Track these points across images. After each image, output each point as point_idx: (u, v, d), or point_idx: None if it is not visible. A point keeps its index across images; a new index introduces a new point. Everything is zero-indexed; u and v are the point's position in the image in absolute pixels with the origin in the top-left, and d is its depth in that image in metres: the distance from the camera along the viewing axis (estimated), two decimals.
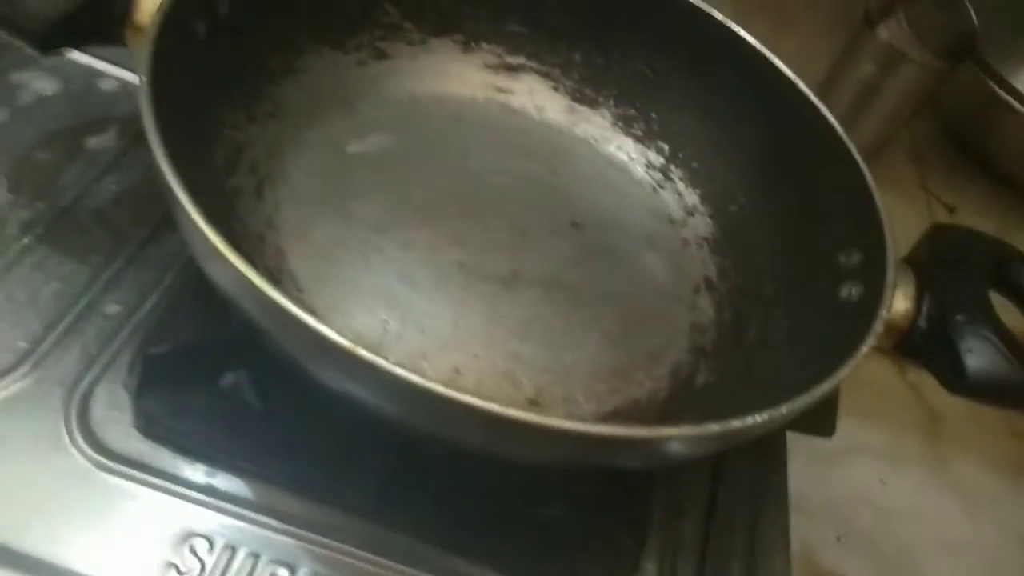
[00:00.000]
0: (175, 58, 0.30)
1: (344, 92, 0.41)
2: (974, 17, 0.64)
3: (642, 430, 0.25)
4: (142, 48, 0.29)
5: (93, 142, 0.41)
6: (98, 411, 0.32)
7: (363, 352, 0.23)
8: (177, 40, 0.31)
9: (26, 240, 0.36)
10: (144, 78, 0.27)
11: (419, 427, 0.26)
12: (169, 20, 0.30)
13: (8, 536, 0.28)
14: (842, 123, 0.75)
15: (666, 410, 0.35)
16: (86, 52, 0.43)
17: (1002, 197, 0.78)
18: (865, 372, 0.35)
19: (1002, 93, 0.70)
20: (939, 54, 0.65)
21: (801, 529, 0.56)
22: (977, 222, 0.79)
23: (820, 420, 0.41)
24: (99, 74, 0.43)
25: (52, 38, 0.31)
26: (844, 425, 0.60)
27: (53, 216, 0.37)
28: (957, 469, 0.61)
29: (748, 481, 0.38)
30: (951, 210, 0.78)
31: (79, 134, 0.41)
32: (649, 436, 0.24)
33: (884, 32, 0.66)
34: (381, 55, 0.43)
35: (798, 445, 0.47)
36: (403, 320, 0.34)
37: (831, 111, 0.72)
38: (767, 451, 0.39)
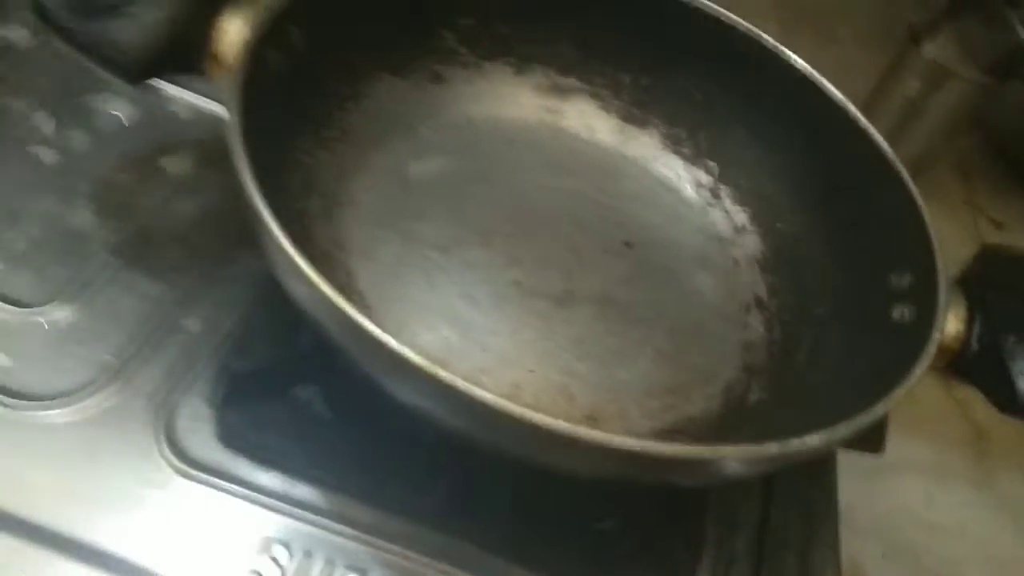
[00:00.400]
0: (256, 90, 0.32)
1: (404, 116, 0.43)
2: (1021, 33, 0.64)
3: (700, 449, 0.26)
4: (229, 83, 0.31)
5: (169, 164, 0.43)
6: (182, 422, 0.33)
7: (441, 372, 0.24)
8: (258, 73, 0.33)
9: (109, 259, 0.38)
10: (234, 113, 0.29)
11: (484, 441, 0.27)
12: (252, 55, 0.32)
13: (101, 540, 0.30)
14: (887, 140, 0.75)
15: (720, 428, 0.36)
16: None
17: None
18: (912, 389, 0.36)
19: None
20: (986, 70, 0.65)
21: (847, 545, 0.57)
22: None
23: (870, 437, 0.41)
24: (173, 100, 0.46)
25: (140, 70, 0.33)
26: (891, 441, 0.60)
27: (133, 236, 0.39)
28: (1004, 486, 0.61)
29: (800, 499, 0.39)
30: (998, 226, 0.77)
31: (155, 157, 0.43)
32: (707, 456, 0.25)
33: (930, 49, 0.66)
34: (437, 79, 0.44)
35: (844, 460, 0.48)
36: (464, 337, 0.36)
37: (876, 128, 0.72)
38: (818, 469, 0.40)
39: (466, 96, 0.45)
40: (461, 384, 0.24)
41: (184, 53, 0.34)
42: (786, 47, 0.42)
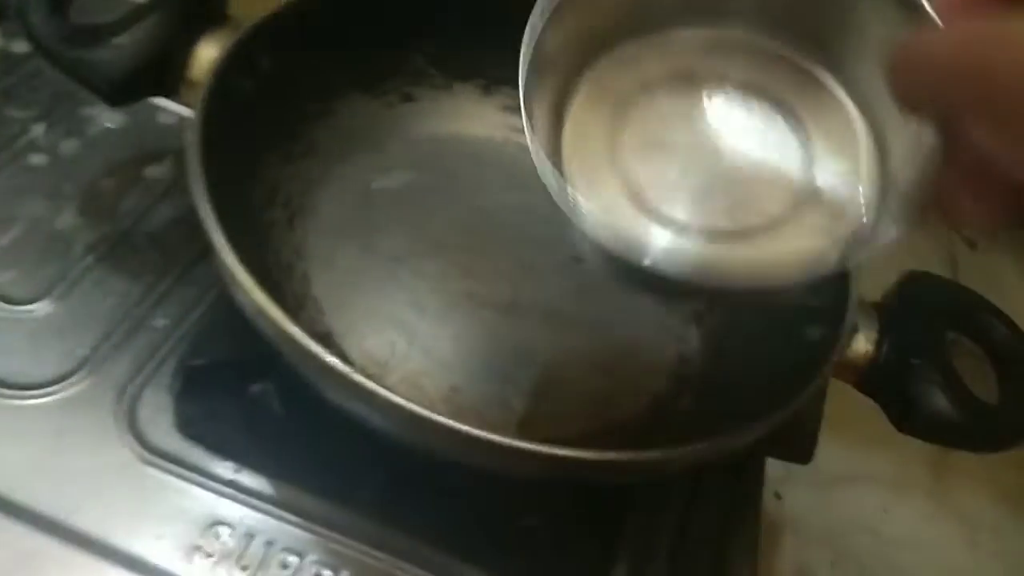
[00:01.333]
0: (223, 112, 0.35)
1: (372, 132, 0.46)
2: None
3: (584, 453, 0.29)
4: (195, 105, 0.34)
5: (152, 171, 0.46)
6: (144, 412, 0.37)
7: (355, 376, 0.27)
8: (225, 96, 0.36)
9: (89, 259, 0.41)
10: (194, 137, 0.32)
11: (408, 441, 0.30)
12: (218, 80, 0.35)
13: (63, 516, 0.33)
14: None
15: (644, 434, 0.39)
16: None
17: None
18: (873, 401, 0.38)
19: None
20: None
21: (798, 552, 0.59)
22: (997, 257, 0.81)
23: (798, 447, 0.44)
24: (159, 109, 0.49)
25: (121, 96, 0.36)
26: (850, 452, 0.62)
27: (114, 238, 0.42)
28: (962, 500, 0.63)
29: (722, 500, 0.41)
30: (972, 246, 0.79)
31: (140, 164, 0.46)
32: (593, 458, 0.28)
33: None
34: (408, 98, 0.47)
35: (803, 470, 0.50)
36: (410, 342, 0.39)
37: None
38: (743, 474, 0.42)
39: (434, 114, 0.48)
40: (371, 386, 0.27)
41: (162, 79, 0.37)
42: None
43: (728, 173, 0.30)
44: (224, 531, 0.34)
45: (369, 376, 0.37)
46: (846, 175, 0.28)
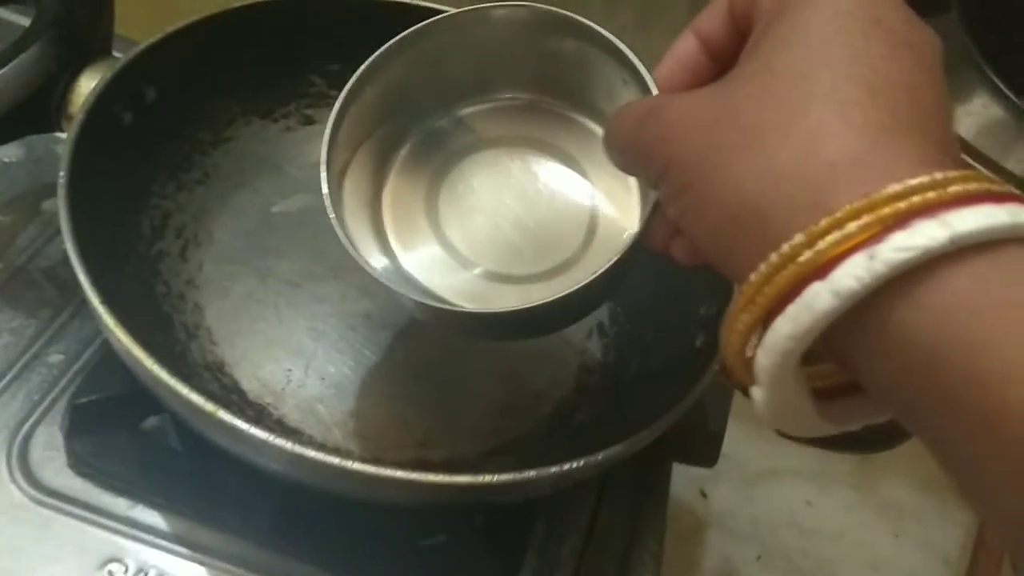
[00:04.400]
0: (101, 144, 0.35)
1: (272, 156, 0.46)
2: None
3: (457, 478, 0.29)
4: (66, 141, 0.34)
5: (49, 205, 0.46)
6: (36, 451, 0.36)
7: (221, 414, 0.28)
8: (102, 129, 0.36)
9: None
10: (63, 173, 0.32)
11: (283, 474, 0.30)
12: (92, 115, 0.35)
13: None
14: None
15: (545, 447, 0.39)
16: None
17: None
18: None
19: None
20: None
21: (723, 547, 0.60)
22: None
23: (703, 451, 0.44)
24: (57, 140, 0.48)
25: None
26: (773, 448, 0.63)
27: (9, 275, 0.42)
28: (885, 490, 0.64)
29: (627, 507, 0.42)
30: None
31: (37, 197, 0.46)
32: (469, 482, 0.29)
33: None
34: (308, 121, 0.47)
35: (726, 466, 0.51)
36: (306, 368, 0.39)
37: None
38: (648, 479, 0.43)
39: None
40: (234, 422, 0.27)
41: (42, 116, 0.37)
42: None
43: (530, 223, 0.35)
44: (118, 568, 0.34)
45: (263, 406, 0.37)
46: (621, 210, 0.33)
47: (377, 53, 0.33)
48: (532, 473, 0.29)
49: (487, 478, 0.30)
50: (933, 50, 0.23)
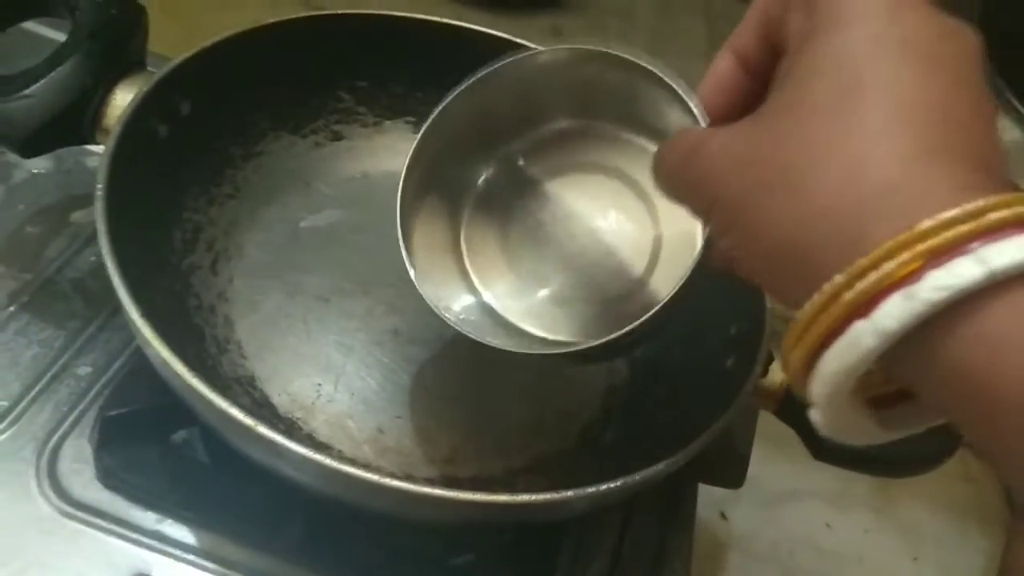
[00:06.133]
0: (136, 157, 0.35)
1: (301, 172, 0.46)
2: None
3: (494, 497, 0.29)
4: (103, 155, 0.34)
5: (78, 216, 0.46)
6: (65, 464, 0.36)
7: (261, 429, 0.27)
8: (138, 142, 0.36)
9: (12, 308, 0.41)
10: (100, 186, 0.32)
11: (316, 489, 0.30)
12: (129, 128, 0.35)
13: None
14: None
15: (571, 465, 0.39)
16: None
17: None
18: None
19: None
20: None
21: (744, 569, 0.60)
22: None
23: (729, 472, 0.44)
24: (87, 152, 0.48)
25: (33, 145, 0.36)
26: (793, 469, 0.63)
27: (38, 286, 0.42)
28: (905, 513, 0.64)
29: (655, 528, 0.41)
30: None
31: (66, 209, 0.46)
32: (505, 501, 0.28)
33: None
34: (337, 137, 0.47)
35: (746, 487, 0.51)
36: (336, 384, 0.39)
37: None
38: (675, 501, 0.42)
39: (364, 152, 0.48)
40: (271, 435, 0.27)
41: (76, 128, 0.37)
42: None
43: (598, 251, 0.37)
44: None
45: (293, 420, 0.37)
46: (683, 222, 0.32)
47: (437, 110, 0.35)
48: (569, 493, 0.29)
49: (524, 498, 0.29)
50: (969, 57, 0.22)
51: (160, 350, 0.29)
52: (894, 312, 0.19)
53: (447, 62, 0.47)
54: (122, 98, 0.37)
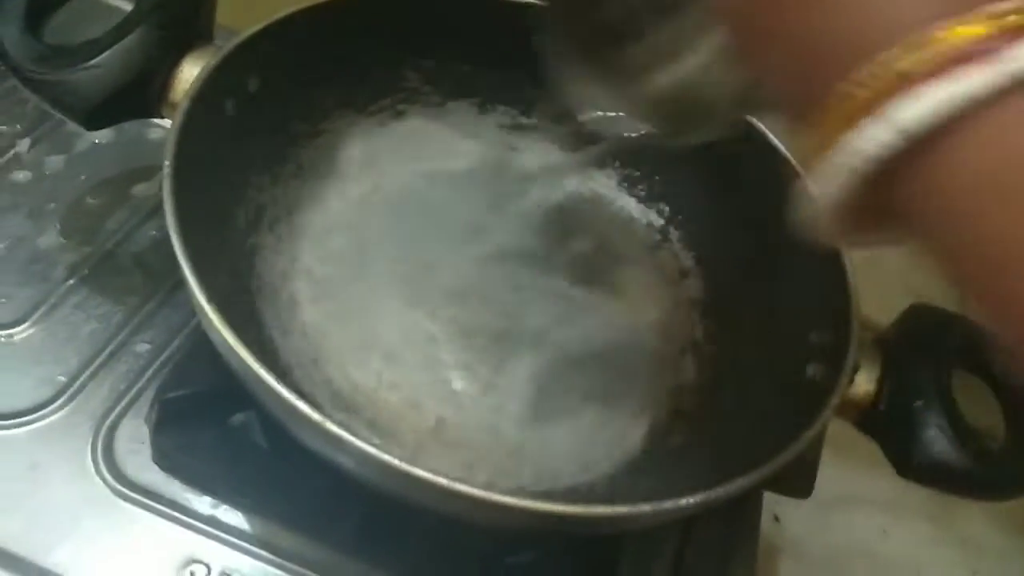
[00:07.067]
0: (203, 133, 0.34)
1: (363, 151, 0.45)
2: None
3: (574, 507, 0.27)
4: (171, 130, 0.33)
5: (139, 189, 0.45)
6: (121, 443, 0.36)
7: (329, 425, 0.26)
8: (206, 117, 0.35)
9: (71, 281, 0.40)
10: (168, 162, 0.31)
11: (377, 484, 0.29)
12: (197, 102, 0.34)
13: (36, 554, 0.32)
14: None
15: (637, 469, 0.37)
16: None
17: None
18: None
19: None
20: None
21: (797, 575, 0.58)
22: None
23: (797, 482, 0.42)
24: (149, 124, 0.48)
25: (98, 117, 0.35)
26: (849, 474, 0.61)
27: (97, 259, 0.42)
28: (964, 524, 0.61)
29: (718, 537, 0.40)
30: None
31: (127, 181, 0.45)
32: (581, 513, 0.27)
33: None
34: (401, 115, 0.46)
35: None
36: (396, 372, 0.38)
37: None
38: (739, 509, 0.41)
39: (428, 132, 0.47)
40: (341, 433, 0.26)
41: (141, 101, 0.36)
42: None
43: None
44: (200, 571, 0.33)
45: (356, 407, 0.36)
46: None
47: None
48: (647, 507, 0.27)
49: (597, 510, 0.28)
50: None
51: (227, 336, 0.28)
52: (922, 105, 0.18)
53: (515, 42, 0.46)
54: (189, 71, 0.36)
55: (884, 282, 0.46)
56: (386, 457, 0.26)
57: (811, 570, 0.57)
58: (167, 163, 0.31)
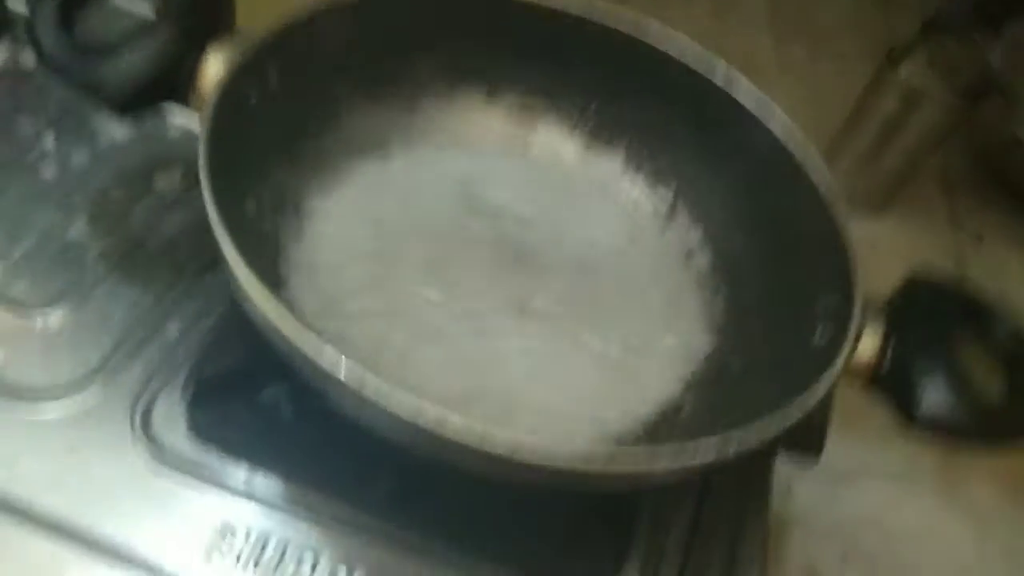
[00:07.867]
0: (230, 124, 0.36)
1: (378, 139, 0.46)
2: (990, 56, 0.66)
3: (591, 466, 0.29)
4: (202, 118, 0.34)
5: (162, 180, 0.47)
6: (158, 418, 0.37)
7: (371, 384, 0.28)
8: (231, 109, 0.36)
9: (102, 268, 0.42)
10: (202, 149, 0.33)
11: (404, 445, 0.31)
12: (225, 94, 0.35)
13: (82, 524, 0.34)
14: (867, 156, 0.77)
15: (650, 438, 0.39)
16: None
17: None
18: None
19: None
20: (959, 93, 0.67)
21: (807, 547, 0.59)
22: (1005, 249, 0.81)
23: (808, 442, 0.44)
24: (169, 119, 0.49)
25: (129, 104, 0.37)
26: (858, 447, 0.62)
27: (125, 248, 0.43)
28: (971, 493, 0.63)
29: (732, 499, 0.41)
30: (979, 239, 0.79)
31: (150, 173, 0.47)
32: (589, 469, 0.29)
33: (905, 71, 0.68)
34: (411, 104, 0.47)
35: None
36: (416, 349, 0.39)
37: (857, 143, 0.73)
38: (752, 472, 0.42)
39: (439, 120, 0.48)
40: (374, 393, 0.28)
41: (170, 88, 0.38)
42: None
43: None
44: (240, 533, 0.35)
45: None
46: None
47: None
48: (666, 457, 0.29)
49: (625, 458, 0.29)
50: None
51: (269, 308, 0.29)
52: None
53: (523, 34, 0.47)
54: (213, 60, 0.37)
55: (883, 262, 0.46)
56: (426, 414, 0.27)
57: (822, 541, 0.59)
58: (201, 150, 0.33)
